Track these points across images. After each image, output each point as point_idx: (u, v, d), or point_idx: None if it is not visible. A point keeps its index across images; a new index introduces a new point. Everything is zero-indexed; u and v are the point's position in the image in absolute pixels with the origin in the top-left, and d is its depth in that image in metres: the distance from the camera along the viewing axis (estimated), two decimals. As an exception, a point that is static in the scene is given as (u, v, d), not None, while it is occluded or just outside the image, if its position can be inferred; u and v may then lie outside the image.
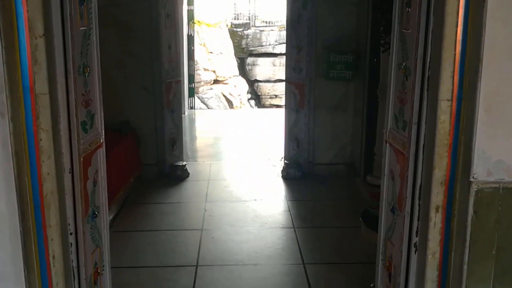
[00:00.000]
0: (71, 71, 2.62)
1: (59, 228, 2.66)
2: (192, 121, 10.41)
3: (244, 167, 7.20)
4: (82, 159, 2.79)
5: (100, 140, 3.10)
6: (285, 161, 6.80)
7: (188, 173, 6.74)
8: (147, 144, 6.64)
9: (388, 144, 3.22)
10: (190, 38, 10.88)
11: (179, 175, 6.64)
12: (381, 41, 5.29)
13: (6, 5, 2.34)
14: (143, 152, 6.62)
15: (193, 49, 11.14)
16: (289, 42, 6.70)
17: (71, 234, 2.75)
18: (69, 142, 2.67)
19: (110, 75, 6.42)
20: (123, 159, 6.01)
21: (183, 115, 10.03)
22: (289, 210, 5.62)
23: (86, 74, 2.86)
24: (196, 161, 7.50)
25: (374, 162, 5.91)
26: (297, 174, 6.66)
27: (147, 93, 6.48)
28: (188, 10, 10.69)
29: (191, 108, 11.16)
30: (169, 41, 6.54)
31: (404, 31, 2.94)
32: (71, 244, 2.76)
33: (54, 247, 2.64)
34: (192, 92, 11.14)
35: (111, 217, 5.38)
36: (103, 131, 3.17)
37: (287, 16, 6.70)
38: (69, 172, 2.69)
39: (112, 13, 6.30)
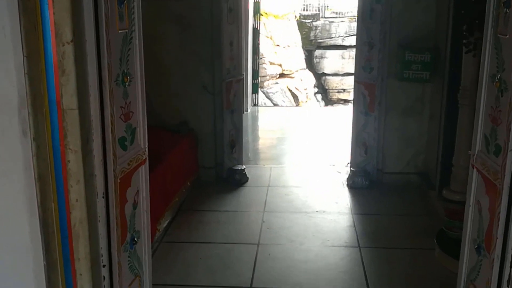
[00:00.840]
0: (106, 82, 2.29)
1: (89, 261, 2.33)
2: (255, 119, 10.04)
3: (307, 172, 6.75)
4: (119, 181, 2.45)
5: (143, 156, 2.75)
6: (351, 168, 6.30)
7: (247, 177, 6.38)
8: (206, 146, 6.33)
9: (475, 170, 2.70)
10: (256, 32, 10.49)
11: (237, 180, 6.29)
12: (464, 41, 4.68)
13: (29, 6, 2.01)
14: (201, 154, 6.32)
15: (259, 43, 10.74)
16: (359, 38, 6.16)
17: (104, 266, 2.43)
18: (103, 163, 2.34)
19: (169, 74, 6.17)
20: (180, 162, 5.74)
21: (245, 113, 9.73)
22: (354, 226, 5.13)
23: (127, 84, 2.51)
24: (257, 164, 7.12)
25: (452, 175, 5.31)
26: (364, 183, 6.14)
27: (206, 92, 6.16)
28: (254, 2, 10.29)
29: (255, 105, 10.80)
30: (231, 37, 6.17)
31: (501, 36, 2.40)
32: (104, 277, 2.44)
33: (83, 283, 2.33)
34: (256, 88, 10.77)
35: (165, 224, 5.11)
36: (147, 146, 2.82)
37: (358, 10, 6.16)
38: (103, 197, 2.36)
39: (171, 8, 6.02)
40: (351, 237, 4.90)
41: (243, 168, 6.39)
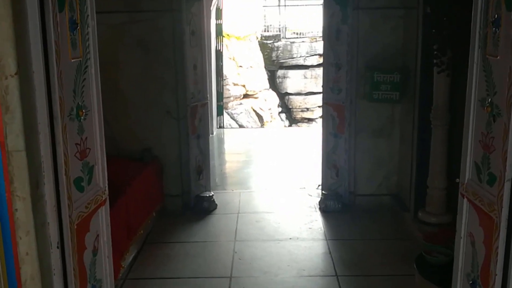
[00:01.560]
0: (58, 117, 2.03)
1: (42, 321, 2.04)
2: (220, 142, 9.81)
3: (277, 196, 6.54)
4: (76, 227, 2.18)
5: (103, 196, 2.48)
6: (323, 191, 6.12)
7: (216, 204, 6.12)
8: (171, 174, 6.05)
9: (465, 199, 2.52)
10: (219, 54, 10.31)
11: (205, 208, 6.03)
12: (436, 61, 4.59)
13: (-35, 36, 1.75)
14: (167, 182, 6.04)
15: (222, 65, 10.55)
16: (326, 59, 6.04)
17: (60, 326, 2.14)
18: (56, 209, 2.07)
19: (130, 100, 5.90)
20: (145, 191, 5.44)
21: (210, 136, 9.47)
22: (330, 253, 4.93)
23: (82, 118, 2.25)
24: (225, 189, 6.86)
25: (427, 196, 5.19)
26: (337, 206, 5.96)
27: (170, 118, 5.90)
28: (216, 24, 10.12)
29: (220, 127, 10.57)
30: (195, 60, 5.95)
31: (490, 57, 2.25)
32: (60, 338, 2.14)
33: None
34: (220, 110, 10.56)
35: (130, 259, 4.80)
36: (106, 184, 2.55)
37: (323, 31, 6.05)
38: (58, 247, 2.08)
39: (131, 32, 5.78)
40: (328, 265, 4.69)
41: (211, 194, 6.13)
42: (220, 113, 10.54)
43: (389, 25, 5.69)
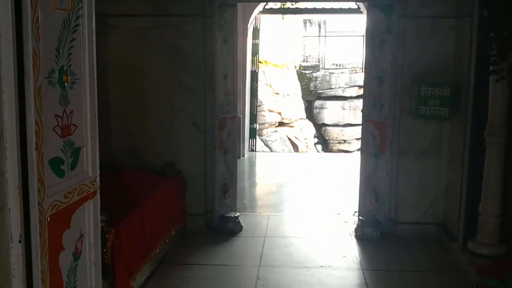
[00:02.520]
0: (30, 76, 1.59)
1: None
2: (252, 164, 9.32)
3: (309, 221, 5.98)
4: (48, 219, 1.72)
5: (91, 188, 2.02)
6: (360, 217, 5.54)
7: (241, 226, 5.62)
8: (195, 190, 5.60)
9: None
10: (254, 75, 9.93)
11: (230, 229, 5.53)
12: (493, 67, 4.06)
13: None
14: (189, 200, 5.58)
15: (257, 86, 10.16)
16: (368, 72, 5.55)
17: None
18: (21, 191, 1.61)
19: (155, 109, 5.52)
20: (164, 207, 4.99)
21: (242, 158, 9.04)
22: (366, 284, 4.34)
23: (67, 85, 1.81)
24: (253, 211, 6.35)
25: (478, 224, 4.58)
26: (375, 234, 5.37)
27: (197, 130, 5.48)
28: (253, 44, 9.77)
29: (252, 150, 10.11)
30: (226, 69, 5.55)
31: None
32: None
33: None
34: (253, 133, 10.11)
35: (142, 280, 4.32)
36: (98, 175, 2.10)
37: (366, 41, 5.58)
38: (19, 242, 1.62)
39: (159, 36, 5.44)
40: (364, 298, 4.10)
41: (236, 215, 5.63)
42: (252, 135, 10.10)
43: (439, 35, 5.19)
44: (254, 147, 10.18)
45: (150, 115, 5.55)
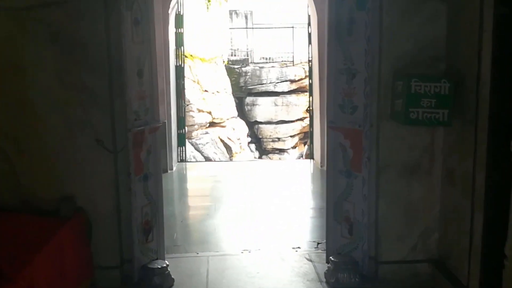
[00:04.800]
0: None
1: None
2: (182, 179, 7.77)
3: (261, 262, 4.54)
4: None
5: None
6: (332, 259, 4.15)
7: (172, 279, 4.11)
8: (104, 234, 4.02)
9: None
10: (180, 70, 8.35)
11: (157, 285, 4.00)
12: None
13: None
14: (97, 248, 3.98)
15: (183, 84, 8.59)
16: (332, 63, 4.16)
17: None
18: None
19: (43, 121, 3.89)
20: (59, 264, 3.41)
21: (170, 171, 7.47)
22: None
23: None
24: (186, 251, 4.83)
25: (505, 271, 3.31)
26: (353, 280, 4.02)
27: (103, 149, 3.90)
28: (176, 33, 8.18)
29: (182, 160, 8.54)
30: (140, 63, 3.99)
31: None
32: None
33: None
34: (182, 140, 8.54)
35: None
36: None
37: (329, 22, 4.17)
38: None
39: (44, 19, 3.79)
40: None
41: (164, 265, 4.09)
42: (181, 143, 8.53)
43: (427, 10, 3.87)
44: (184, 156, 8.62)
45: (36, 130, 3.90)
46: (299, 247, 4.85)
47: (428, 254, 4.13)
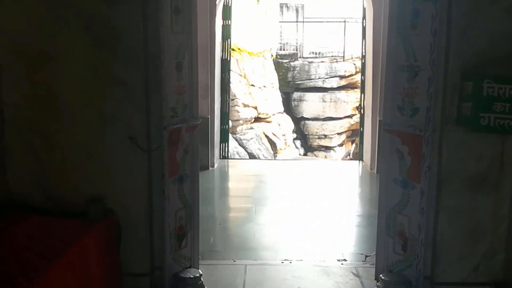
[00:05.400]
0: None
1: None
2: (223, 177, 7.47)
3: (303, 273, 4.17)
4: None
5: None
6: (382, 277, 3.73)
7: (206, 290, 3.79)
8: (135, 239, 3.74)
9: None
10: (225, 64, 8.03)
11: (189, 296, 3.69)
12: None
13: None
14: (127, 253, 3.70)
15: (229, 78, 8.27)
16: (392, 60, 3.72)
17: None
18: None
19: (72, 116, 3.62)
20: (86, 268, 3.16)
21: (211, 168, 7.17)
22: None
23: None
24: (223, 258, 4.50)
25: None
26: (406, 303, 3.59)
27: (136, 148, 3.60)
28: (223, 25, 7.86)
29: (224, 157, 8.24)
30: (179, 56, 3.66)
31: None
32: None
33: None
34: (225, 136, 8.23)
35: None
36: None
37: (390, 14, 3.73)
38: None
39: (77, 6, 3.52)
40: None
41: (197, 275, 3.77)
42: (224, 139, 8.22)
43: (503, 4, 3.39)
44: (226, 153, 8.31)
45: (66, 125, 3.64)
46: (345, 260, 4.45)
47: (492, 276, 3.66)
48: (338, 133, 19.81)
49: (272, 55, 19.33)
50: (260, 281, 4.02)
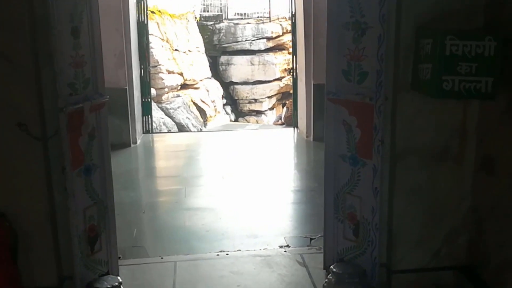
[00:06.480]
0: None
1: None
2: (147, 154, 6.76)
3: (242, 269, 3.62)
4: None
5: None
6: (333, 268, 3.25)
7: (128, 299, 3.17)
8: (36, 247, 3.04)
9: None
10: (142, 27, 7.20)
11: (107, 309, 3.06)
12: None
13: None
14: (28, 264, 3.00)
15: (148, 44, 7.46)
16: (334, 15, 3.15)
17: None
18: None
19: None
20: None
21: (133, 145, 6.45)
22: None
23: None
24: (148, 254, 3.88)
25: None
26: (361, 296, 3.14)
27: (27, 136, 2.87)
28: (137, -17, 7.01)
29: (147, 131, 7.50)
30: (75, 18, 2.93)
31: None
32: None
33: None
34: (147, 109, 7.47)
35: None
36: None
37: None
38: None
39: None
40: None
41: (116, 283, 3.13)
42: (147, 112, 7.47)
43: None
44: (150, 126, 7.57)
45: None
46: (287, 246, 3.95)
47: (455, 260, 3.26)
48: (268, 97, 19.44)
49: (195, 17, 18.46)
50: (193, 281, 3.45)
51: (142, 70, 7.27)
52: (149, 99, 7.49)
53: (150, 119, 7.52)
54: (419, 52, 2.88)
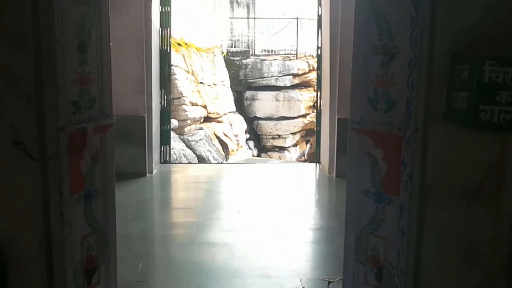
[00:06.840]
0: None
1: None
2: (163, 186, 6.53)
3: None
4: None
5: None
6: (353, 317, 2.92)
7: None
8: (28, 276, 2.79)
9: None
10: (165, 56, 7.08)
11: None
12: None
13: None
14: (16, 297, 2.76)
15: (169, 73, 7.33)
16: (361, 38, 2.92)
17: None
18: None
19: None
20: None
21: (149, 175, 6.23)
22: None
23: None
24: (153, 291, 3.60)
25: None
26: None
27: (24, 156, 2.66)
28: (161, 12, 6.92)
29: (165, 161, 7.29)
30: (83, 32, 2.75)
31: None
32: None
33: None
34: (166, 138, 7.28)
35: None
36: None
37: (359, -19, 2.92)
38: None
39: None
40: None
41: (113, 323, 2.86)
42: (165, 141, 7.28)
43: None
44: (168, 157, 7.37)
45: None
46: (304, 288, 3.63)
47: (491, 313, 2.90)
48: (292, 133, 19.27)
49: (222, 52, 18.53)
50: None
51: (162, 98, 7.12)
52: (168, 128, 7.32)
53: (168, 148, 7.33)
54: (454, 79, 2.61)
